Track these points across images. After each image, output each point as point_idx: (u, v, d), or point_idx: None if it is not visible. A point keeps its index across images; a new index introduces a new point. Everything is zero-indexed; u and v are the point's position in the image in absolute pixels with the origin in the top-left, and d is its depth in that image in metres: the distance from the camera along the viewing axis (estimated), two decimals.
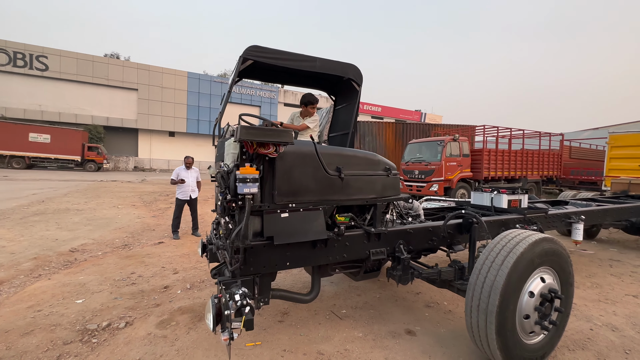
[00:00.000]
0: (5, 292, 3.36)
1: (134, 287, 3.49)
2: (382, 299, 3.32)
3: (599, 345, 2.52)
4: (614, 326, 2.85)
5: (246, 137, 1.67)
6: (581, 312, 3.12)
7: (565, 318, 2.31)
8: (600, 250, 5.61)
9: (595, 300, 3.42)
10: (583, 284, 3.91)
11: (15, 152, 21.81)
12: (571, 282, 2.31)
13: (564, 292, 2.28)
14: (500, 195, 3.55)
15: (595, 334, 2.70)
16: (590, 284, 3.92)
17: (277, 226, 1.93)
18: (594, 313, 3.11)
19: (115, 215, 7.71)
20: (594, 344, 2.54)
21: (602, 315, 3.06)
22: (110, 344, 2.41)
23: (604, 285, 3.88)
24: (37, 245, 4.97)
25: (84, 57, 27.89)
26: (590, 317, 3.03)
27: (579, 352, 2.43)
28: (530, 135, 13.20)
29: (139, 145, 30.87)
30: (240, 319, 1.52)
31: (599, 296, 3.53)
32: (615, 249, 5.67)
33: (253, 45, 2.48)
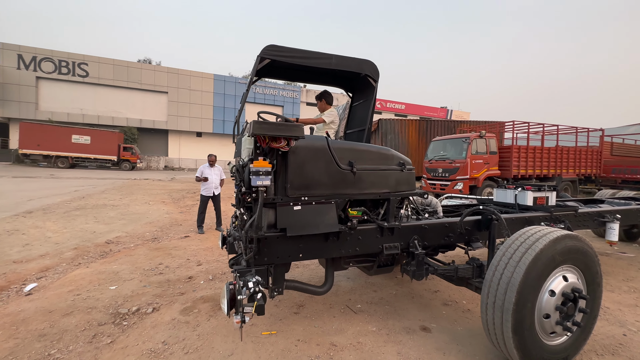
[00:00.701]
0: (50, 277, 3.71)
1: (161, 277, 3.72)
2: (398, 296, 3.30)
3: (632, 352, 2.36)
4: None
5: (258, 131, 1.74)
6: (615, 317, 2.92)
7: (592, 320, 2.19)
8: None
9: (632, 305, 3.18)
10: (619, 287, 3.65)
11: (60, 152, 23.68)
12: (599, 282, 2.19)
13: (590, 292, 2.16)
14: (524, 192, 3.41)
15: (628, 340, 2.53)
16: (627, 288, 3.65)
17: (290, 218, 2.00)
18: (629, 318, 2.90)
19: (147, 210, 8.18)
20: (627, 350, 2.39)
21: (639, 321, 2.85)
22: (139, 327, 2.60)
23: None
24: (77, 236, 5.41)
25: (119, 63, 29.70)
26: (625, 322, 2.83)
27: (608, 357, 2.30)
28: (565, 130, 12.40)
29: (169, 145, 32.41)
30: (253, 304, 1.60)
31: (637, 301, 3.29)
32: None
33: (270, 45, 2.56)
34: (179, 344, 2.34)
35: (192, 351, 2.26)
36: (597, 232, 5.82)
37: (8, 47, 26.57)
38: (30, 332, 2.48)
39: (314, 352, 2.27)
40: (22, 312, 2.78)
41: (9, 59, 26.54)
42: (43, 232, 5.52)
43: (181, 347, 2.31)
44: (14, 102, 26.81)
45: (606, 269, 4.30)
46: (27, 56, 26.98)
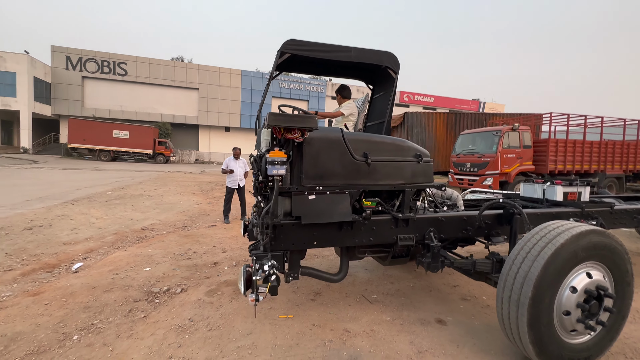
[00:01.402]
0: (94, 258, 4.10)
1: (189, 261, 3.98)
2: (416, 289, 3.30)
3: None
4: None
5: (274, 122, 1.83)
6: None
7: (620, 321, 2.08)
8: None
9: None
10: None
11: (103, 146, 25.56)
12: (628, 281, 2.07)
13: (618, 291, 2.05)
14: (553, 187, 3.24)
15: None
16: None
17: (305, 207, 2.08)
18: None
19: (178, 201, 8.69)
20: None
21: None
22: (169, 305, 2.84)
23: None
24: (117, 223, 5.89)
25: (154, 61, 31.30)
26: None
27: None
28: (612, 123, 11.39)
29: (199, 139, 33.83)
30: (267, 285, 1.71)
31: None
32: None
33: (290, 39, 2.63)
34: (203, 322, 2.53)
35: (214, 328, 2.43)
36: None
37: (58, 49, 28.92)
38: (77, 304, 2.80)
39: (328, 336, 2.36)
40: (71, 287, 3.12)
41: (58, 61, 28.91)
42: (88, 218, 6.07)
43: (205, 324, 2.49)
44: (64, 100, 29.22)
45: None
46: (74, 57, 29.22)
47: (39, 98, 27.81)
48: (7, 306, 2.74)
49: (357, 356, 2.13)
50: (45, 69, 28.57)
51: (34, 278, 3.40)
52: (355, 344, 2.27)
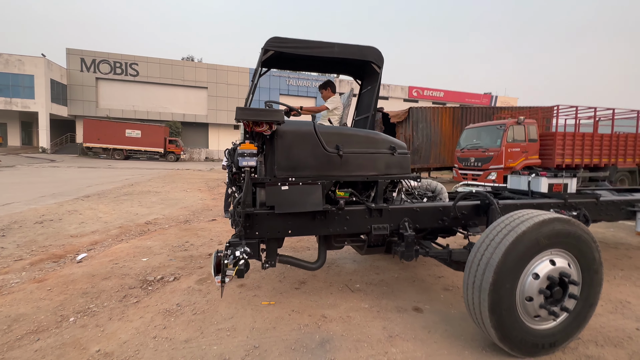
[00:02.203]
0: (98, 249, 4.34)
1: (185, 253, 4.16)
2: (400, 279, 3.37)
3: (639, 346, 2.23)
4: None
5: (241, 116, 1.94)
6: (632, 312, 2.73)
7: (588, 308, 2.11)
8: None
9: None
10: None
11: (116, 145, 26.38)
12: (596, 269, 2.09)
13: (585, 279, 2.08)
14: (538, 179, 3.25)
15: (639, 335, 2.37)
16: None
17: (278, 197, 2.18)
18: None
19: (184, 197, 8.95)
20: (634, 344, 2.25)
21: None
22: (160, 292, 3.01)
23: None
24: (123, 217, 6.16)
25: (165, 61, 31.96)
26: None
27: (609, 348, 2.19)
28: (624, 115, 11.03)
29: (209, 137, 34.44)
30: (234, 269, 1.83)
31: None
32: None
33: (273, 37, 2.72)
34: (190, 307, 2.68)
35: (199, 313, 2.58)
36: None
37: (73, 52, 29.90)
38: (76, 290, 3.00)
39: (305, 321, 2.47)
40: (72, 275, 3.34)
41: (73, 63, 29.90)
42: (96, 213, 6.36)
43: (191, 309, 2.65)
44: (79, 101, 30.25)
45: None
46: (88, 59, 30.16)
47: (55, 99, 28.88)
48: (14, 291, 2.97)
49: (329, 339, 2.24)
50: (61, 71, 29.60)
51: (41, 267, 3.64)
52: (330, 329, 2.37)
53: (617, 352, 2.16)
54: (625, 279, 3.45)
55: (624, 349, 2.19)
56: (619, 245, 4.84)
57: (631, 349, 2.20)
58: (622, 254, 4.38)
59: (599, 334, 2.36)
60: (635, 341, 2.29)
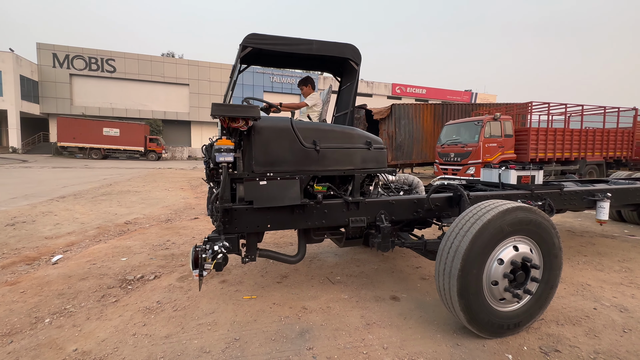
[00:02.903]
0: (74, 251, 4.22)
1: (166, 251, 4.12)
2: (379, 270, 3.47)
3: (595, 324, 2.41)
4: (625, 307, 2.66)
5: (216, 112, 1.96)
6: (591, 293, 2.94)
7: (549, 290, 2.27)
8: None
9: (616, 284, 3.16)
10: (611, 267, 3.60)
11: (93, 144, 25.43)
12: (556, 254, 2.25)
13: (546, 263, 2.24)
14: (508, 171, 3.42)
15: (597, 313, 2.57)
16: (619, 267, 3.59)
17: (256, 192, 2.22)
18: (607, 295, 2.91)
19: (165, 196, 8.79)
20: (590, 322, 2.44)
21: (616, 297, 2.85)
22: (140, 290, 2.98)
23: (637, 270, 3.53)
24: (101, 218, 6.00)
25: (144, 57, 30.97)
26: (601, 298, 2.84)
27: (568, 326, 2.37)
28: (592, 111, 11.63)
29: (192, 136, 33.73)
30: (212, 262, 1.86)
31: (623, 280, 3.25)
32: None
33: (251, 33, 2.73)
34: (170, 304, 2.68)
35: (180, 309, 2.59)
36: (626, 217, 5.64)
37: (44, 46, 28.48)
38: (52, 291, 2.93)
39: (285, 313, 2.53)
40: (47, 277, 3.25)
41: (45, 58, 28.50)
42: (72, 214, 6.16)
43: (172, 306, 2.65)
44: (52, 99, 28.90)
45: (605, 250, 4.21)
46: (61, 55, 28.82)
47: (26, 97, 27.48)
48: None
49: (308, 329, 2.30)
50: (32, 67, 28.18)
51: (13, 270, 3.52)
52: (310, 319, 2.44)
53: (575, 329, 2.33)
54: (587, 264, 3.69)
55: (581, 327, 2.37)
56: (585, 233, 5.15)
57: (587, 326, 2.38)
58: (586, 241, 4.67)
59: (560, 314, 2.54)
60: (592, 319, 2.48)
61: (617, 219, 5.92)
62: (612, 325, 2.39)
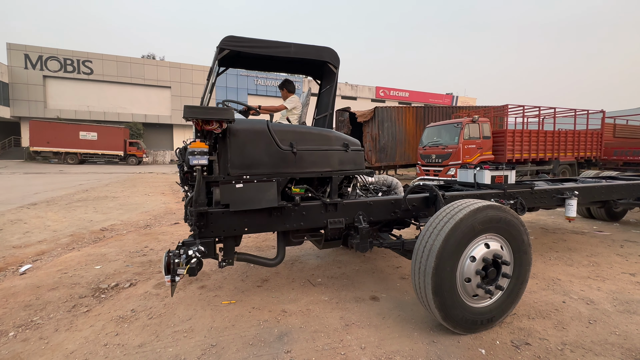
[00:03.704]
0: (45, 260, 4.03)
1: (144, 258, 4.01)
2: (360, 271, 3.50)
3: (564, 316, 2.52)
4: (591, 300, 2.79)
5: (189, 115, 1.93)
6: (561, 287, 3.07)
7: (520, 285, 2.35)
8: (620, 231, 5.25)
9: (584, 277, 3.31)
10: (580, 262, 3.77)
11: (69, 149, 24.42)
12: (525, 250, 2.33)
13: (516, 259, 2.32)
14: (482, 172, 3.53)
15: (565, 306, 2.68)
16: (587, 262, 3.76)
17: (232, 195, 2.20)
18: (575, 288, 3.04)
19: (145, 201, 8.54)
20: (559, 314, 2.54)
21: (583, 290, 2.99)
22: (114, 299, 2.88)
23: (603, 264, 3.71)
24: (75, 225, 5.76)
25: (122, 59, 30.11)
26: (569, 291, 2.97)
27: (538, 320, 2.46)
28: (564, 113, 12.19)
29: (174, 139, 32.97)
30: (186, 267, 1.83)
31: (591, 274, 3.41)
32: (639, 231, 5.26)
33: (229, 36, 2.70)
34: (145, 312, 2.61)
35: (155, 317, 2.52)
36: (595, 214, 5.92)
37: (15, 47, 27.23)
38: (18, 303, 2.79)
39: (265, 317, 2.50)
40: (13, 288, 3.09)
41: (16, 59, 27.24)
42: (43, 222, 5.89)
43: (147, 314, 2.57)
44: (24, 102, 27.61)
45: (575, 246, 4.41)
46: (33, 56, 27.62)
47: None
48: None
49: (287, 332, 2.29)
50: (2, 68, 26.86)
51: None
52: (289, 322, 2.42)
53: (545, 322, 2.43)
54: (558, 260, 3.86)
55: (550, 320, 2.47)
56: (557, 230, 5.38)
57: (556, 319, 2.48)
58: (558, 237, 4.88)
59: (531, 309, 2.63)
60: (561, 312, 2.59)
61: (587, 215, 6.21)
62: (579, 317, 2.50)
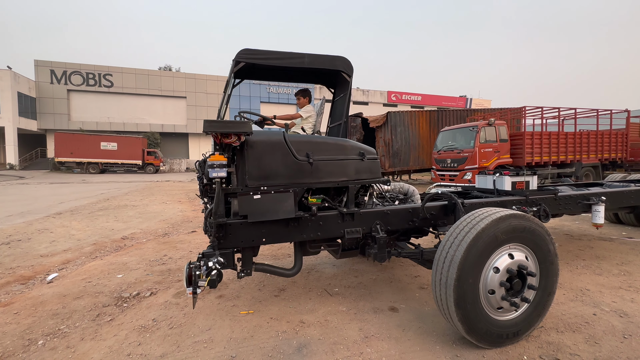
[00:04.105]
0: (70, 268, 4.18)
1: (163, 267, 4.09)
2: (377, 280, 3.45)
3: (595, 330, 2.39)
4: (624, 312, 2.65)
5: (208, 129, 1.98)
6: (591, 298, 2.92)
7: (547, 297, 2.26)
8: None
9: (615, 288, 3.15)
10: (609, 271, 3.59)
11: (91, 159, 25.42)
12: (552, 260, 2.24)
13: (542, 270, 2.23)
14: (502, 178, 3.44)
15: (596, 319, 2.55)
16: (618, 271, 3.58)
17: (250, 206, 2.22)
18: (607, 299, 2.89)
19: (163, 209, 8.75)
20: (590, 328, 2.42)
21: (615, 302, 2.84)
22: (136, 308, 2.95)
23: (635, 273, 3.52)
24: (97, 234, 5.96)
25: (141, 71, 31.28)
26: (600, 303, 2.83)
27: (568, 334, 2.35)
28: (585, 113, 11.76)
29: (189, 148, 33.80)
30: (206, 279, 1.85)
31: (622, 284, 3.24)
32: None
33: (244, 49, 2.77)
34: (166, 321, 2.65)
35: (176, 326, 2.55)
36: (623, 219, 5.65)
37: (41, 63, 28.75)
38: (46, 311, 2.89)
39: (283, 327, 2.50)
40: (42, 296, 3.21)
41: (43, 75, 28.74)
42: (68, 230, 6.12)
43: (167, 323, 2.61)
44: (49, 115, 29.02)
45: (603, 253, 4.21)
46: (58, 71, 29.08)
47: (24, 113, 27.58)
48: None
49: (306, 343, 2.27)
50: (30, 83, 28.37)
51: (8, 290, 3.47)
52: (307, 333, 2.40)
53: (575, 336, 2.31)
54: (586, 268, 3.68)
55: (581, 334, 2.35)
56: (583, 236, 5.15)
57: (587, 333, 2.36)
58: (584, 244, 4.66)
59: (560, 321, 2.52)
60: (592, 325, 2.46)
61: (614, 221, 5.92)
62: (612, 331, 2.37)
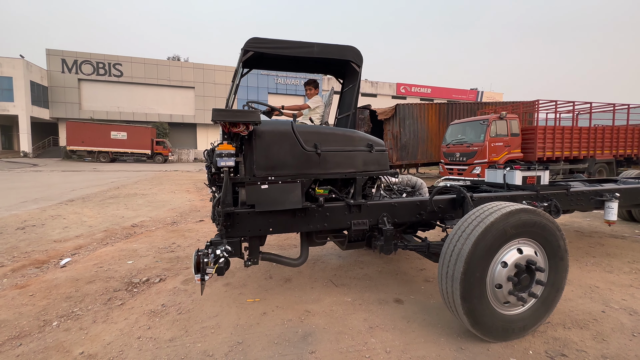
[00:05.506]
0: (82, 254, 4.29)
1: (172, 254, 4.17)
2: (383, 273, 3.46)
3: (603, 327, 2.37)
4: (634, 310, 2.61)
5: (217, 118, 1.98)
6: (601, 295, 2.88)
7: (555, 293, 2.23)
8: None
9: (626, 286, 3.10)
10: (620, 268, 3.53)
11: (101, 147, 25.82)
12: (562, 256, 2.21)
13: (551, 266, 2.20)
14: (513, 172, 3.38)
15: (605, 316, 2.52)
16: (629, 269, 3.51)
17: (258, 196, 2.23)
18: (616, 297, 2.85)
19: (171, 198, 8.88)
20: (598, 325, 2.39)
21: (625, 300, 2.80)
22: (146, 293, 3.02)
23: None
24: (108, 221, 6.09)
25: (150, 61, 31.38)
26: (609, 300, 2.79)
27: (575, 330, 2.33)
28: (601, 108, 11.41)
29: (197, 138, 34.03)
30: (214, 267, 1.88)
31: (633, 282, 3.18)
32: None
33: (253, 37, 2.74)
34: (175, 307, 2.71)
35: (184, 312, 2.61)
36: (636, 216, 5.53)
37: (53, 52, 29.05)
38: (60, 294, 2.98)
39: (289, 316, 2.53)
40: (55, 280, 3.31)
41: (54, 64, 29.06)
42: (80, 217, 6.27)
43: (176, 309, 2.67)
44: (61, 104, 29.44)
45: (614, 251, 4.13)
46: (69, 60, 29.36)
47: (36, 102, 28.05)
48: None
49: (311, 332, 2.30)
50: (42, 72, 28.75)
51: (23, 273, 3.59)
52: (312, 322, 2.44)
53: (583, 333, 2.29)
54: (596, 265, 3.63)
55: (588, 330, 2.33)
56: (594, 233, 5.06)
57: (595, 330, 2.34)
58: (595, 241, 4.58)
59: (567, 317, 2.49)
60: (600, 322, 2.43)
61: (627, 218, 5.79)
62: (621, 329, 2.34)
